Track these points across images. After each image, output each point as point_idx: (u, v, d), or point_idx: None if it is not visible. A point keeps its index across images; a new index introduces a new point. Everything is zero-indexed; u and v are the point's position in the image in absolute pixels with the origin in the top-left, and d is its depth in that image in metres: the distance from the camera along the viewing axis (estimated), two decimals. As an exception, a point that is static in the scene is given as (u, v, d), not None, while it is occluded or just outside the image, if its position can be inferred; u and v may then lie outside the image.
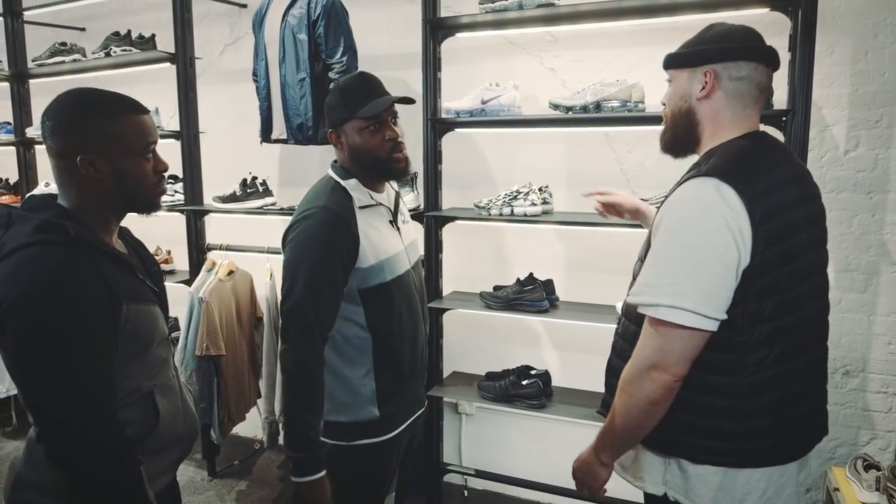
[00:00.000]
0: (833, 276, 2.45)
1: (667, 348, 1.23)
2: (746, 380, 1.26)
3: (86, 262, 1.19)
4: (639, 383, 1.27)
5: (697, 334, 1.22)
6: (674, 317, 1.21)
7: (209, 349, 2.85)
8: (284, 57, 2.71)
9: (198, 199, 3.13)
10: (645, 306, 1.26)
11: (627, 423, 1.31)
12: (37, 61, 3.44)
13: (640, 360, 1.27)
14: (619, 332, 1.47)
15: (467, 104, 2.51)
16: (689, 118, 1.36)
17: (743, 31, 1.34)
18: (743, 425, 1.28)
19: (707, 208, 1.21)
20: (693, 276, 1.20)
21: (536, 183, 2.52)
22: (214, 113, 3.30)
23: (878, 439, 2.48)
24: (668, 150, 1.45)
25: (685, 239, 1.22)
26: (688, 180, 1.27)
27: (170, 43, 3.02)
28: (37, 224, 1.19)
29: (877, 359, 2.44)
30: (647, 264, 1.28)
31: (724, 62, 1.31)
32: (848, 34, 2.30)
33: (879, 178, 2.33)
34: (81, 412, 1.16)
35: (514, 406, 2.57)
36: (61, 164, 1.25)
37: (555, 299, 2.58)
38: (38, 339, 1.13)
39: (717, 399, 1.28)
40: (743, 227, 1.20)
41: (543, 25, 2.55)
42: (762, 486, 1.30)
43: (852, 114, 2.33)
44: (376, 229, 1.69)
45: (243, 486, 3.18)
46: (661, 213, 1.30)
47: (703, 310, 1.19)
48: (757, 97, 1.34)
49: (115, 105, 1.27)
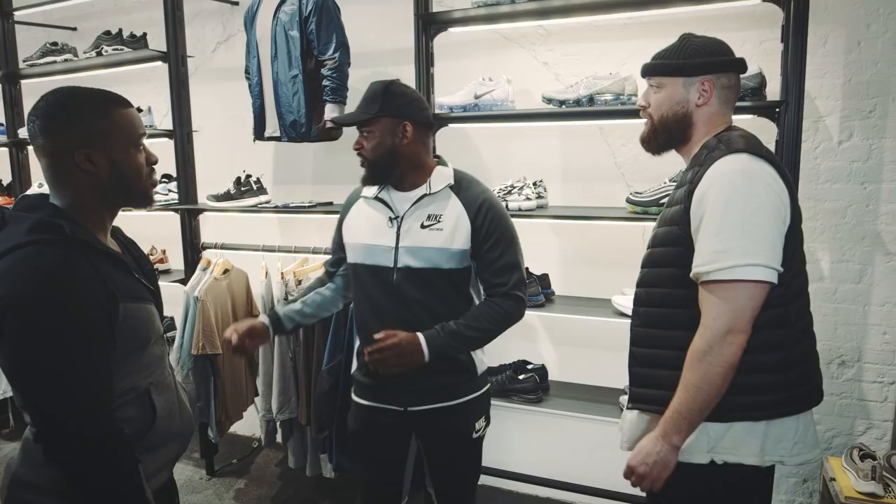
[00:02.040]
0: (828, 267, 2.45)
1: (740, 309, 1.32)
2: (792, 329, 1.40)
3: (82, 262, 1.18)
4: (719, 350, 1.32)
5: (764, 289, 1.33)
6: (752, 274, 1.30)
7: (205, 348, 2.84)
8: (276, 54, 2.70)
9: (192, 198, 3.12)
10: (720, 270, 1.32)
11: (708, 394, 1.34)
12: (28, 61, 3.42)
13: (714, 328, 1.33)
14: (639, 323, 1.54)
15: (460, 99, 2.51)
16: (686, 122, 1.51)
17: (722, 44, 1.51)
18: (792, 373, 1.40)
19: (752, 175, 1.34)
20: (758, 235, 1.31)
21: (531, 177, 2.51)
22: (207, 111, 3.28)
23: (874, 429, 2.48)
24: (654, 149, 1.58)
25: (741, 205, 1.32)
26: (717, 160, 1.37)
27: (161, 41, 3.01)
28: (32, 224, 1.18)
29: (872, 349, 2.44)
30: (709, 235, 1.34)
31: (717, 73, 1.48)
32: (841, 24, 2.30)
33: (873, 168, 2.33)
34: (79, 411, 1.16)
35: (511, 401, 2.57)
36: (55, 162, 1.24)
37: (550, 294, 2.58)
38: (35, 339, 1.13)
39: (770, 354, 1.38)
40: (782, 188, 1.36)
41: (536, 19, 2.54)
42: (794, 425, 1.42)
43: (846, 104, 2.33)
44: (365, 219, 1.86)
45: (241, 485, 3.18)
46: (700, 190, 1.37)
47: (773, 263, 1.32)
48: (735, 99, 1.54)
49: (104, 99, 1.28)
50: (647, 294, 1.52)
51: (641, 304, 1.54)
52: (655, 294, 1.50)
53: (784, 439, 1.41)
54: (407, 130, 1.77)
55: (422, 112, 1.82)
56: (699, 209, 1.37)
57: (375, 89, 1.78)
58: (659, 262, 1.50)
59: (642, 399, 1.53)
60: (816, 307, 2.45)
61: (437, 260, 1.77)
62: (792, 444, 1.42)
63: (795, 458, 1.42)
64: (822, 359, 2.47)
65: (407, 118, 1.77)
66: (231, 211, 3.00)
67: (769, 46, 2.32)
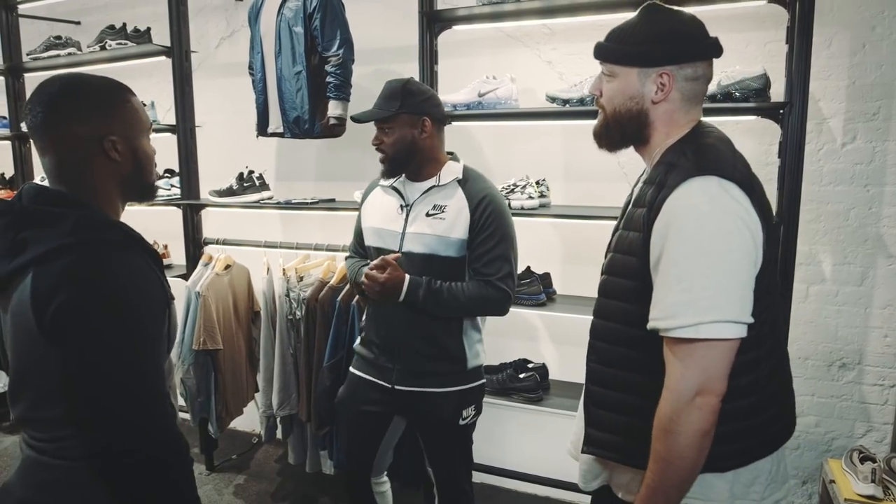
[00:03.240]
0: (830, 269, 2.45)
1: (711, 368, 1.13)
2: (763, 372, 1.24)
3: (143, 263, 1.13)
4: (687, 416, 1.13)
5: (737, 344, 1.14)
6: (719, 332, 1.11)
7: (206, 343, 2.85)
8: (280, 50, 2.69)
9: (194, 194, 3.12)
10: (683, 328, 1.13)
11: (682, 467, 1.15)
12: (31, 55, 3.41)
13: (679, 391, 1.14)
14: (595, 359, 1.37)
15: (464, 97, 2.50)
16: (641, 120, 1.28)
17: (689, 24, 1.26)
18: (759, 418, 1.25)
19: (723, 210, 1.13)
20: (728, 284, 1.12)
21: (534, 176, 2.51)
22: (210, 107, 3.28)
23: (874, 431, 2.48)
24: (607, 146, 1.37)
25: (707, 247, 1.12)
26: (681, 183, 1.16)
27: (165, 36, 3.00)
28: (76, 220, 1.10)
29: (873, 351, 2.44)
30: (671, 281, 1.15)
31: (680, 63, 1.23)
32: (845, 26, 2.29)
33: (877, 170, 2.33)
34: (149, 420, 1.11)
35: (511, 399, 2.57)
36: (76, 152, 1.15)
37: (552, 293, 2.58)
38: (107, 347, 1.06)
39: (738, 401, 1.21)
40: (755, 222, 1.15)
41: (540, 18, 2.54)
42: (767, 466, 1.27)
43: (850, 106, 2.33)
44: (379, 205, 2.01)
45: (241, 480, 3.18)
46: (662, 220, 1.17)
47: (742, 317, 1.13)
48: (703, 92, 1.29)
49: (120, 87, 1.23)
50: (603, 328, 1.34)
51: (597, 337, 1.37)
52: (611, 329, 1.31)
53: (756, 482, 1.26)
54: (426, 126, 1.89)
55: (438, 108, 1.95)
56: (658, 244, 1.17)
57: (394, 87, 1.88)
58: (615, 293, 1.31)
59: (597, 443, 1.36)
60: (818, 309, 2.48)
61: (437, 247, 1.89)
62: (765, 486, 1.26)
63: (769, 500, 1.27)
64: (822, 361, 2.50)
65: (426, 114, 1.89)
66: (233, 206, 2.99)
67: (774, 48, 2.32)
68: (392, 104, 1.86)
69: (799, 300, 2.43)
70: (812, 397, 2.55)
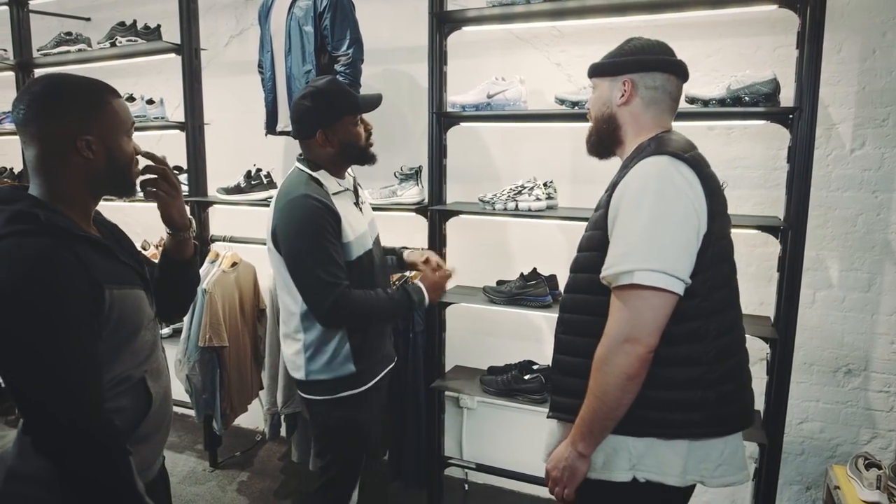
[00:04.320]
0: (837, 275, 2.45)
1: (638, 318, 1.28)
2: (711, 345, 1.35)
3: (63, 250, 1.17)
4: (613, 358, 1.30)
5: (668, 298, 1.28)
6: (649, 279, 1.26)
7: (212, 340, 2.86)
8: (290, 49, 2.70)
9: (202, 191, 3.13)
10: (620, 274, 1.29)
11: (606, 404, 1.32)
12: (42, 51, 3.43)
13: (611, 335, 1.31)
14: (562, 330, 1.52)
15: (473, 98, 2.51)
16: (612, 122, 1.49)
17: (658, 45, 1.48)
18: (712, 391, 1.35)
19: (667, 179, 1.30)
20: (663, 241, 1.28)
21: (541, 178, 2.51)
22: (219, 104, 3.29)
23: (879, 438, 2.48)
24: (594, 152, 1.58)
25: (651, 209, 1.28)
26: (636, 163, 1.35)
27: (175, 34, 3.02)
28: (9, 215, 1.17)
29: (879, 358, 2.44)
30: (617, 238, 1.33)
31: (640, 73, 1.44)
32: (856, 32, 2.29)
33: (885, 177, 2.33)
34: (68, 403, 1.14)
35: (515, 401, 2.57)
36: (52, 147, 1.23)
37: (558, 294, 2.57)
38: (20, 332, 1.12)
39: (685, 369, 1.34)
40: (699, 196, 1.31)
41: (550, 20, 2.54)
42: (720, 447, 1.38)
43: (859, 112, 2.33)
44: (347, 211, 1.94)
45: (244, 477, 3.19)
46: (618, 194, 1.35)
47: (675, 272, 1.27)
48: (670, 105, 1.48)
49: (101, 88, 1.29)
50: (572, 300, 1.49)
51: (566, 310, 1.50)
52: (579, 300, 1.46)
53: (707, 460, 1.37)
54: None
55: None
56: (613, 212, 1.35)
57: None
58: (583, 266, 1.45)
59: (559, 407, 1.50)
60: (824, 315, 2.47)
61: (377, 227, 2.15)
62: (715, 466, 1.38)
63: (718, 480, 1.38)
64: (828, 367, 2.50)
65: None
66: (241, 204, 3.00)
67: (784, 52, 2.31)
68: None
69: (805, 305, 2.43)
70: (817, 403, 2.54)
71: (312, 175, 1.93)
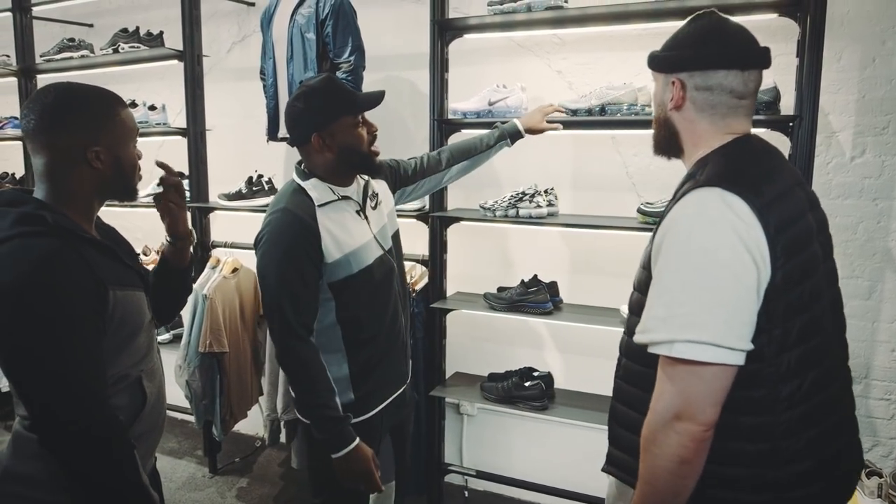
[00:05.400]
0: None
1: (689, 393, 1.04)
2: (782, 417, 1.10)
3: (69, 251, 1.19)
4: (663, 439, 1.06)
5: (723, 371, 1.04)
6: (693, 353, 1.03)
7: (212, 346, 2.86)
8: (292, 56, 2.71)
9: (203, 197, 3.14)
10: (656, 344, 1.07)
11: (659, 491, 1.09)
12: (45, 56, 3.44)
13: (658, 411, 1.08)
14: (620, 375, 1.31)
15: (474, 105, 2.52)
16: (668, 128, 1.27)
17: (716, 32, 1.20)
18: (782, 471, 1.11)
19: (715, 223, 1.05)
20: (710, 302, 1.03)
21: (542, 185, 2.52)
22: (221, 111, 3.30)
23: (880, 446, 2.47)
24: (657, 152, 1.35)
25: (693, 261, 1.05)
26: (685, 194, 1.11)
27: (178, 40, 3.03)
28: (15, 217, 1.20)
29: (880, 366, 2.43)
30: (654, 294, 1.10)
31: (688, 71, 1.19)
32: (856, 40, 2.30)
33: (885, 184, 2.33)
34: (72, 401, 1.17)
35: (516, 408, 2.57)
36: (61, 157, 1.26)
37: (558, 301, 2.58)
38: (25, 329, 1.14)
39: (749, 444, 1.11)
40: (758, 239, 1.05)
41: (551, 28, 2.55)
42: None
43: (859, 120, 2.33)
44: (339, 224, 1.72)
45: (244, 483, 3.18)
46: (660, 232, 1.13)
47: (726, 341, 1.02)
48: (735, 105, 1.20)
49: (110, 99, 1.32)
50: (628, 345, 1.27)
51: (623, 353, 1.31)
52: (633, 346, 1.21)
53: None
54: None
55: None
56: (655, 255, 1.13)
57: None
58: (636, 309, 1.24)
59: (613, 462, 1.32)
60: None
61: (396, 223, 1.96)
62: None
63: None
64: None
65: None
66: (242, 210, 3.01)
67: (784, 61, 2.32)
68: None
69: (806, 313, 2.43)
70: (818, 411, 2.54)
71: (301, 185, 1.73)
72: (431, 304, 2.67)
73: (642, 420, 1.14)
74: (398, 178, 2.08)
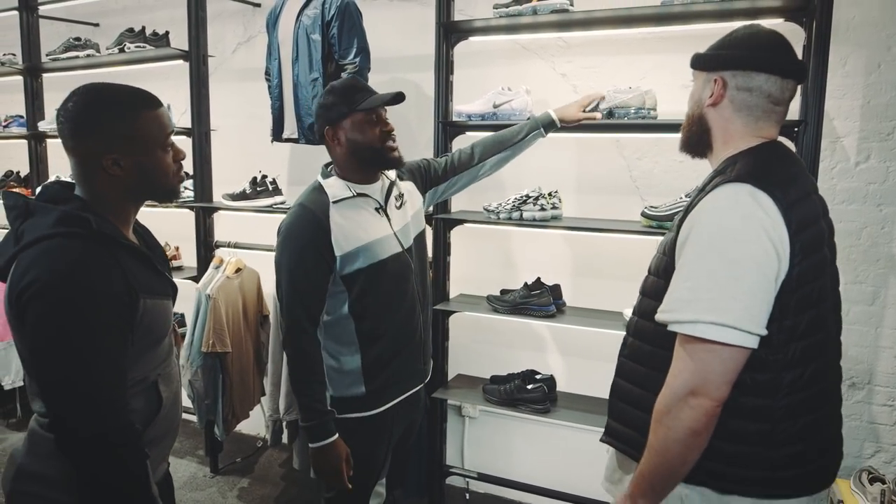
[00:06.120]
0: (841, 288, 2.42)
1: (706, 370, 1.14)
2: (781, 402, 1.20)
3: (106, 256, 1.20)
4: (677, 413, 1.16)
5: (739, 353, 1.14)
6: (716, 334, 1.12)
7: (215, 346, 2.86)
8: (297, 57, 2.72)
9: (207, 197, 3.14)
10: (680, 323, 1.16)
11: (669, 461, 1.19)
12: (50, 55, 3.46)
13: (675, 386, 1.17)
14: (626, 354, 1.40)
15: (479, 108, 2.52)
16: (701, 124, 1.34)
17: (764, 37, 1.28)
18: (777, 452, 1.21)
19: (745, 217, 1.14)
20: (734, 289, 1.12)
21: (546, 188, 2.52)
22: (226, 111, 3.31)
23: (883, 452, 2.47)
24: (685, 150, 1.42)
25: (722, 250, 1.14)
26: (716, 187, 1.19)
27: (183, 40, 3.04)
28: (58, 216, 1.20)
29: (883, 371, 2.43)
30: (680, 278, 1.19)
31: (732, 70, 1.27)
32: (861, 46, 2.30)
33: (890, 190, 2.33)
34: (93, 404, 1.17)
35: (518, 410, 2.57)
36: (83, 162, 1.26)
37: (561, 304, 2.58)
38: (55, 330, 1.14)
39: (750, 423, 1.20)
40: (782, 235, 1.14)
41: (556, 31, 2.55)
42: None
43: (864, 125, 2.33)
44: (352, 219, 1.80)
45: (245, 484, 3.19)
46: (689, 222, 1.21)
47: (746, 325, 1.12)
48: (770, 111, 1.28)
49: (134, 102, 1.28)
50: (637, 325, 1.38)
51: (630, 333, 1.40)
52: (644, 327, 1.33)
53: None
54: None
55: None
56: (682, 242, 1.21)
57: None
58: (650, 292, 1.33)
59: (614, 434, 1.41)
60: (828, 328, 2.46)
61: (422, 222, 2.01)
62: None
63: None
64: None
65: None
66: (246, 210, 3.02)
67: (789, 66, 2.32)
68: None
69: (809, 318, 2.42)
70: (821, 416, 2.53)
71: (321, 183, 1.85)
72: (434, 305, 2.67)
73: (646, 396, 1.26)
74: (428, 178, 2.10)
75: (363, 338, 1.83)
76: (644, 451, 1.25)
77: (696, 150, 1.39)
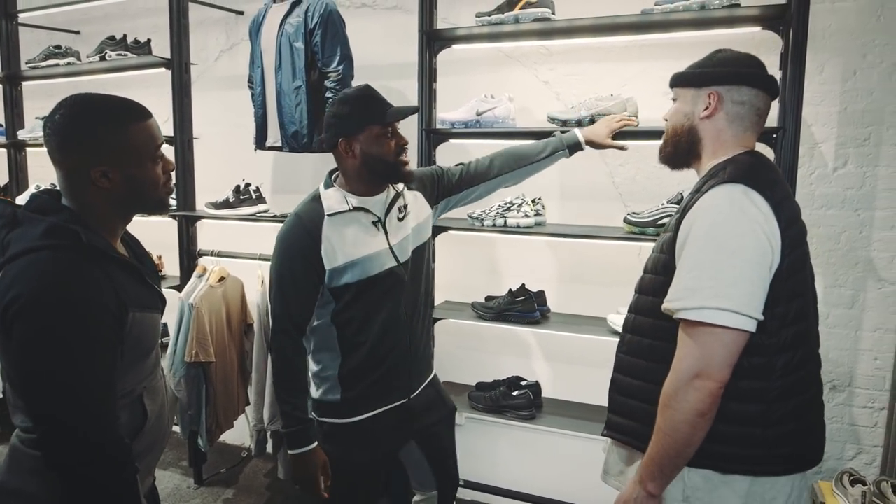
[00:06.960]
0: (821, 292, 2.47)
1: (710, 354, 1.23)
2: (775, 384, 1.30)
3: (95, 270, 1.18)
4: (684, 395, 1.25)
5: (740, 336, 1.24)
6: (719, 318, 1.22)
7: (199, 356, 2.84)
8: (280, 65, 2.71)
9: (190, 205, 3.12)
10: (686, 310, 1.25)
11: (677, 441, 1.27)
12: (30, 63, 3.42)
13: (681, 370, 1.26)
14: (625, 350, 1.48)
15: (462, 115, 2.53)
16: (692, 135, 1.44)
17: (747, 58, 1.43)
18: (772, 431, 1.30)
19: (740, 212, 1.25)
20: (734, 277, 1.23)
21: (530, 195, 2.53)
22: (209, 119, 3.30)
23: (864, 454, 2.50)
24: (667, 162, 1.53)
25: (721, 243, 1.24)
26: (711, 188, 1.30)
27: (165, 48, 3.02)
28: (46, 227, 1.18)
29: (863, 374, 2.46)
30: (683, 270, 1.28)
31: (727, 86, 1.40)
32: (838, 53, 2.34)
33: (867, 195, 2.37)
34: (82, 417, 1.15)
35: (504, 417, 2.57)
36: (71, 174, 1.23)
37: (546, 311, 2.59)
38: (44, 344, 1.12)
39: (746, 405, 1.30)
40: (774, 229, 1.26)
41: (539, 39, 2.57)
42: (787, 490, 1.33)
43: (841, 132, 2.37)
44: (344, 234, 1.78)
45: (230, 495, 3.15)
46: (688, 221, 1.31)
47: (746, 310, 1.22)
48: (756, 122, 1.42)
49: (123, 113, 1.25)
50: (635, 322, 1.47)
51: (628, 330, 1.49)
52: (642, 323, 1.43)
53: (774, 502, 1.32)
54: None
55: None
56: (682, 239, 1.31)
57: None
58: (648, 289, 1.43)
59: (616, 428, 1.48)
60: (809, 331, 2.49)
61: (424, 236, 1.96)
62: None
63: None
64: (813, 383, 2.51)
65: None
66: (229, 219, 3.00)
67: (767, 73, 2.35)
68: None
69: (790, 322, 2.45)
70: (803, 419, 2.56)
71: (320, 193, 1.82)
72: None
73: (647, 387, 1.36)
74: (441, 187, 2.06)
75: (345, 346, 1.84)
76: (647, 439, 1.33)
77: (681, 161, 1.50)
